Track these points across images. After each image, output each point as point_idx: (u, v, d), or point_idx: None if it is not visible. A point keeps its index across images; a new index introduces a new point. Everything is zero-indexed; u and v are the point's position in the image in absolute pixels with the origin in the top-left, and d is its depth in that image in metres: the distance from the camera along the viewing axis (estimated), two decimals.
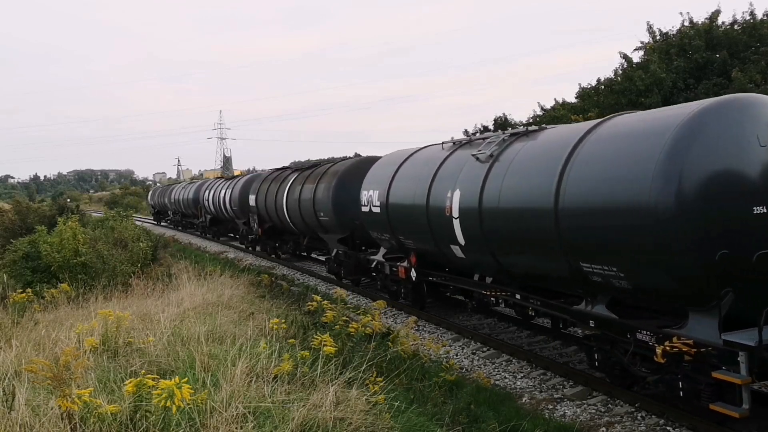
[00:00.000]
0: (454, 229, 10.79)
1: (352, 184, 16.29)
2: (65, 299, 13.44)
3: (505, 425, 7.00)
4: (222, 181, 33.78)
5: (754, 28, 18.56)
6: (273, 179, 23.76)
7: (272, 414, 5.72)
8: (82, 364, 6.17)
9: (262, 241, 26.16)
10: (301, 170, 21.68)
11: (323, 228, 18.32)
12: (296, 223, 20.74)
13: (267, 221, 24.41)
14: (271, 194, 22.93)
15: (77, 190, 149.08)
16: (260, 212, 24.61)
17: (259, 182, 25.30)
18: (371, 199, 14.23)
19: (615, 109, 18.37)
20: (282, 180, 22.46)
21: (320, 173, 18.64)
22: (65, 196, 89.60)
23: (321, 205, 17.80)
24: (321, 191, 17.85)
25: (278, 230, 24.01)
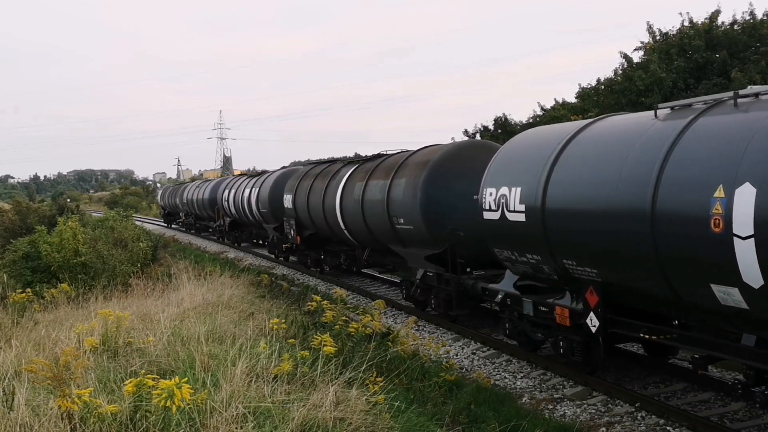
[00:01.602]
0: (735, 258, 5.98)
1: (453, 179, 12.17)
2: (65, 299, 13.44)
3: (505, 425, 7.00)
4: (245, 179, 28.87)
5: (754, 28, 18.55)
6: (317, 174, 18.75)
7: (272, 414, 5.72)
8: (82, 364, 6.18)
9: (300, 252, 21.35)
10: (359, 162, 16.74)
11: (401, 240, 13.56)
12: (355, 231, 16.01)
13: (308, 227, 19.62)
14: (316, 194, 17.99)
15: (77, 190, 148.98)
16: (299, 216, 19.77)
17: (297, 178, 20.41)
18: (505, 201, 9.43)
19: (615, 109, 18.39)
20: (331, 175, 17.43)
21: (395, 164, 13.85)
22: (65, 196, 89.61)
23: (401, 209, 13.06)
24: (400, 189, 13.11)
25: (323, 239, 19.30)
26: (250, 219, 27.26)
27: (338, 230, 16.96)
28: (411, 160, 13.58)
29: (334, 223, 16.91)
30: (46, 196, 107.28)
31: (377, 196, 14.06)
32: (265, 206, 23.83)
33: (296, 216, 20.05)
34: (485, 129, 26.58)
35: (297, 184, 20.04)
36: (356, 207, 15.16)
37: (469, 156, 12.43)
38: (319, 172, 18.93)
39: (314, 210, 18.28)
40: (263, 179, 25.30)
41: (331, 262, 19.49)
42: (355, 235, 16.25)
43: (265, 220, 24.61)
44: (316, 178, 18.68)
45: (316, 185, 18.32)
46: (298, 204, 19.69)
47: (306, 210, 18.89)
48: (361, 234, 15.75)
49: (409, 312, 12.53)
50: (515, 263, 9.78)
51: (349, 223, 16.08)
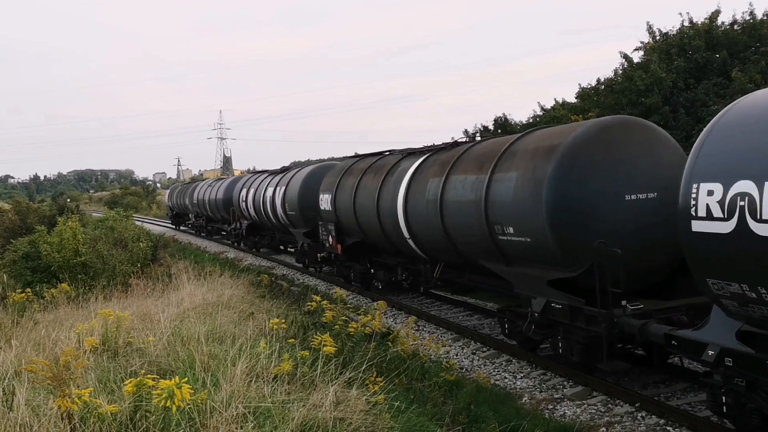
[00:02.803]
0: None
1: (596, 172, 8.64)
2: (65, 299, 13.45)
3: (505, 425, 7.00)
4: (267, 176, 25.32)
5: (754, 28, 18.53)
6: (366, 170, 15.46)
7: (272, 414, 5.72)
8: (82, 364, 6.19)
9: (340, 263, 17.70)
10: (427, 152, 13.26)
11: (504, 256, 10.02)
12: (425, 241, 12.45)
13: (353, 234, 16.14)
14: (367, 193, 14.72)
15: (77, 190, 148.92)
16: (341, 220, 16.34)
17: (338, 175, 16.99)
18: (748, 204, 5.68)
19: (615, 109, 18.38)
20: (387, 170, 14.13)
21: (494, 153, 10.24)
22: (65, 196, 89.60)
23: (509, 214, 9.52)
24: (508, 187, 9.52)
25: (371, 248, 15.98)
26: (273, 222, 23.78)
27: (398, 239, 13.53)
28: (520, 146, 9.86)
29: (394, 229, 13.38)
30: (46, 196, 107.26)
31: (466, 196, 10.49)
32: (293, 208, 20.49)
33: (337, 220, 16.53)
34: (485, 129, 26.58)
35: (338, 182, 16.54)
36: (430, 210, 11.62)
37: (619, 138, 8.81)
38: (368, 166, 15.49)
39: (363, 213, 14.85)
40: (290, 176, 21.81)
41: (385, 277, 15.66)
42: (424, 246, 12.63)
43: (293, 224, 21.20)
44: (365, 174, 15.26)
45: (366, 183, 14.90)
46: (339, 206, 16.22)
47: (351, 213, 15.43)
48: (434, 245, 12.10)
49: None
50: (750, 304, 5.99)
51: (416, 231, 12.50)
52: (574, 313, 8.70)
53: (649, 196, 8.72)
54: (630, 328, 8.02)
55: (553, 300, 9.03)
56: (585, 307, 8.49)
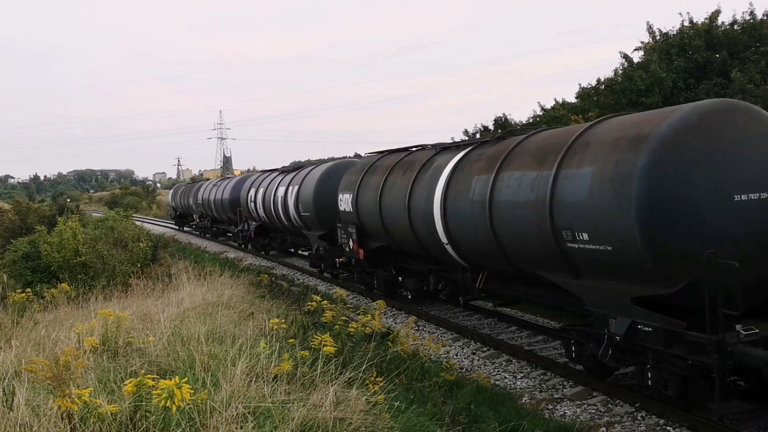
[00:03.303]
0: None
1: (698, 166, 7.22)
2: (65, 299, 13.45)
3: (505, 425, 7.01)
4: (277, 175, 24.06)
5: (754, 28, 18.55)
6: (393, 167, 13.90)
7: (272, 414, 5.72)
8: (82, 364, 6.18)
9: (361, 269, 16.28)
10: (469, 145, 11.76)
11: (572, 266, 8.47)
12: (468, 246, 10.90)
13: (377, 237, 14.70)
14: (396, 192, 13.13)
15: (77, 190, 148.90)
16: (364, 222, 14.97)
17: (360, 172, 15.46)
18: None
19: (615, 109, 18.38)
20: (420, 167, 12.53)
21: (558, 145, 8.71)
22: (65, 196, 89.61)
23: (584, 217, 7.94)
24: (581, 185, 7.99)
25: (398, 254, 14.51)
26: (285, 224, 22.23)
27: (433, 244, 11.90)
28: (594, 136, 8.29)
29: (428, 233, 11.83)
30: (46, 196, 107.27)
31: (524, 196, 8.99)
32: (307, 209, 18.98)
33: (359, 222, 15.08)
34: (485, 129, 26.60)
35: (360, 181, 15.04)
36: (476, 212, 10.11)
37: (723, 126, 7.38)
38: (395, 163, 13.91)
39: (391, 215, 13.31)
40: (304, 175, 20.26)
41: (415, 286, 13.95)
42: (465, 253, 11.10)
43: (307, 226, 19.71)
44: (392, 171, 13.73)
45: (395, 181, 13.38)
46: (362, 206, 14.78)
47: (376, 214, 13.90)
48: (479, 251, 10.56)
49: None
50: None
51: (457, 235, 10.95)
52: (671, 338, 7.25)
53: (762, 196, 7.31)
54: (752, 360, 6.53)
55: (640, 321, 7.54)
56: (687, 332, 7.03)
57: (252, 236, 26.94)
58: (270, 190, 23.41)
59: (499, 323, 12.91)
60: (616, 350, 8.03)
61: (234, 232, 31.09)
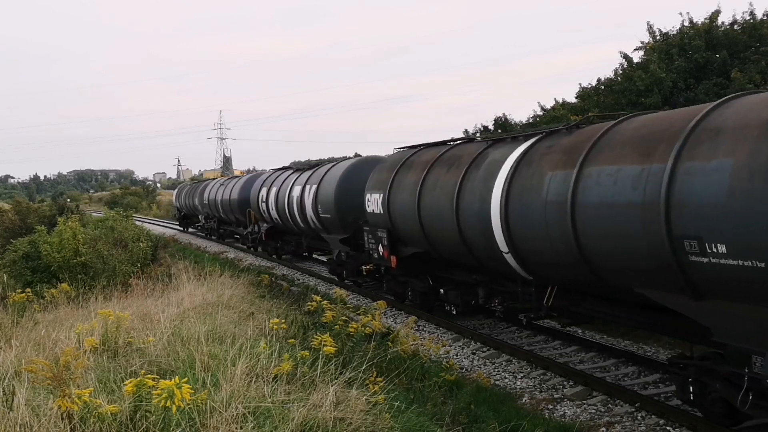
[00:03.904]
0: None
1: None
2: (65, 299, 13.45)
3: (505, 425, 7.01)
4: (291, 173, 22.40)
5: (754, 28, 18.55)
6: (434, 162, 12.04)
7: (272, 414, 5.72)
8: (82, 364, 6.18)
9: (392, 278, 14.58)
10: (531, 137, 9.86)
11: (691, 286, 6.74)
12: (538, 255, 9.07)
13: (413, 243, 12.86)
14: (439, 192, 11.34)
15: (77, 190, 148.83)
16: (396, 225, 13.18)
17: (391, 170, 13.62)
18: None
19: (615, 109, 18.39)
20: (470, 162, 10.73)
21: (672, 132, 7.04)
22: (65, 196, 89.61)
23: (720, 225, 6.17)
24: (719, 182, 6.22)
25: (436, 261, 12.56)
26: (300, 226, 20.56)
27: (487, 252, 10.13)
28: (724, 120, 6.61)
29: (483, 240, 10.03)
30: (46, 196, 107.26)
31: (622, 196, 7.30)
32: (328, 210, 17.39)
33: (390, 225, 13.43)
34: (485, 129, 26.60)
35: (392, 178, 13.32)
36: (550, 215, 8.37)
37: None
38: (435, 158, 12.12)
39: (433, 217, 11.55)
40: (323, 173, 18.58)
41: (460, 299, 11.99)
42: (532, 263, 9.25)
43: (327, 228, 18.04)
44: (432, 167, 11.96)
45: (438, 179, 11.58)
46: (395, 207, 13.09)
47: (414, 217, 12.12)
48: (554, 261, 8.67)
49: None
50: None
51: (523, 242, 9.13)
52: None
53: None
54: None
55: None
56: None
57: (263, 239, 25.29)
58: (284, 189, 21.76)
59: (499, 323, 12.91)
60: (760, 396, 6.33)
61: (243, 234, 29.44)
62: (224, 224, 33.98)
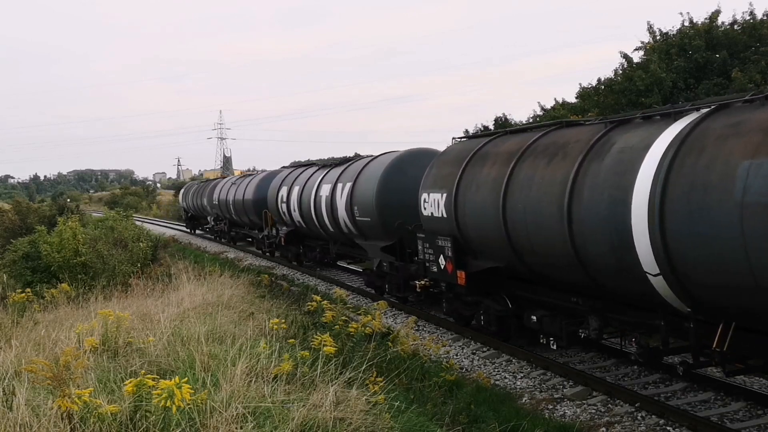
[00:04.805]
0: None
1: None
2: (65, 299, 13.45)
3: (505, 425, 7.01)
4: (316, 170, 19.72)
5: (754, 28, 18.57)
6: (524, 153, 9.59)
7: (272, 414, 5.72)
8: (82, 364, 6.18)
9: (455, 296, 12.02)
10: (653, 118, 7.90)
11: None
12: (725, 279, 6.31)
13: (490, 254, 10.46)
14: (537, 191, 8.93)
15: (77, 190, 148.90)
16: (467, 233, 10.76)
17: (457, 163, 11.12)
18: None
19: (615, 109, 18.40)
20: (587, 151, 8.20)
21: None
22: (65, 196, 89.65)
23: None
24: None
25: (522, 278, 10.17)
26: (330, 230, 17.93)
27: (616, 271, 7.67)
28: None
29: (613, 256, 7.55)
30: (46, 196, 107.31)
31: None
32: (367, 212, 15.02)
33: (458, 233, 10.88)
34: (485, 129, 26.62)
35: (461, 174, 10.83)
36: (753, 225, 5.86)
37: None
38: (525, 147, 9.62)
39: (525, 223, 9.08)
40: (360, 168, 16.03)
41: (565, 330, 9.13)
42: (703, 291, 6.77)
43: (364, 234, 15.68)
44: (522, 159, 9.48)
45: (531, 174, 9.13)
46: (466, 210, 10.63)
47: (494, 222, 9.72)
48: (745, 288, 6.15)
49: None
50: None
51: (694, 263, 6.63)
52: None
53: None
54: None
55: None
56: None
57: (282, 243, 22.62)
58: (309, 188, 19.08)
59: None
60: None
61: (258, 237, 26.65)
62: (236, 226, 31.31)
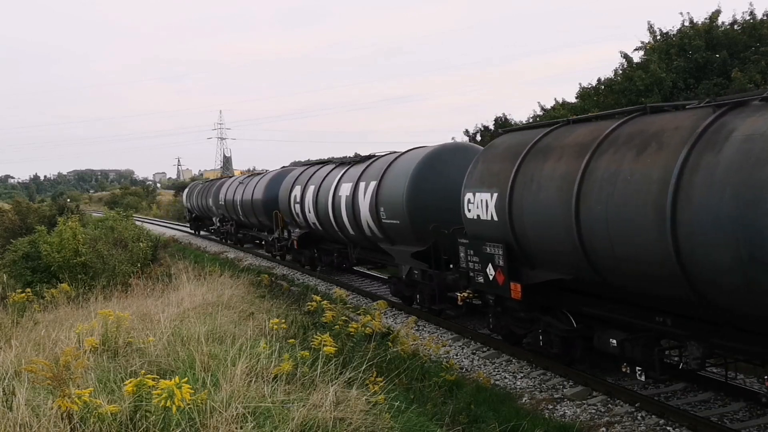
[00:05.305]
0: None
1: None
2: (65, 299, 13.46)
3: (505, 425, 7.01)
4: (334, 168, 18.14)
5: (754, 28, 18.57)
6: (600, 144, 7.82)
7: (272, 414, 5.72)
8: (82, 364, 6.19)
9: (503, 311, 10.49)
10: None
11: None
12: None
13: (553, 265, 8.79)
14: (622, 190, 7.15)
15: (77, 190, 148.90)
16: (525, 238, 9.09)
17: (510, 158, 9.55)
18: None
19: (614, 108, 18.38)
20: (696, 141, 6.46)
21: None
22: (65, 196, 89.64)
23: None
24: None
25: (578, 290, 8.89)
26: (350, 233, 16.38)
27: (737, 287, 6.16)
28: None
29: (739, 270, 6.02)
30: (46, 196, 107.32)
31: None
32: (395, 213, 13.45)
33: (513, 239, 9.24)
34: (485, 129, 26.62)
35: (516, 170, 9.15)
36: None
37: None
38: (602, 138, 7.90)
39: (608, 228, 7.38)
40: (386, 165, 14.41)
41: (657, 358, 7.62)
42: None
43: (391, 237, 14.09)
44: (600, 151, 7.80)
45: (615, 168, 7.42)
46: (524, 212, 8.96)
47: (564, 226, 8.08)
48: None
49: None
50: None
51: None
52: None
53: None
54: None
55: None
56: None
57: (295, 246, 20.97)
58: (326, 187, 17.48)
59: None
60: None
61: (268, 240, 25.16)
62: (243, 228, 29.67)
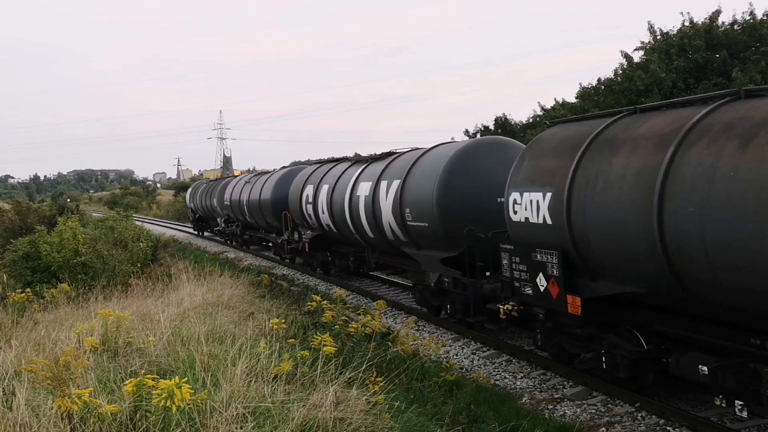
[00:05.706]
0: None
1: None
2: (65, 299, 13.46)
3: (505, 425, 7.01)
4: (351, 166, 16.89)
5: (754, 28, 18.57)
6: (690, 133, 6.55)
7: (272, 414, 5.72)
8: (82, 364, 6.19)
9: (557, 328, 9.24)
10: None
11: None
12: None
13: (619, 275, 7.58)
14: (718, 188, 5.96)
15: (77, 190, 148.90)
16: (586, 245, 7.80)
17: (568, 153, 8.21)
18: None
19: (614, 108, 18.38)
20: None
21: None
22: (65, 196, 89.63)
23: None
24: None
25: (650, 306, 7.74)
26: (369, 236, 15.16)
27: None
28: None
29: None
30: (46, 196, 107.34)
31: None
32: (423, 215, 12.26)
33: (571, 245, 8.06)
34: (485, 129, 26.62)
35: (575, 167, 7.98)
36: None
37: None
38: (687, 128, 6.68)
39: (705, 234, 6.14)
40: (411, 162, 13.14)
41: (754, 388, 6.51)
42: None
43: (417, 241, 12.93)
44: (686, 143, 6.60)
45: (711, 162, 6.18)
46: (585, 215, 7.76)
47: (638, 230, 6.95)
48: None
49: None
50: None
51: None
52: None
53: None
54: None
55: None
56: None
57: (306, 249, 19.74)
58: (342, 187, 16.27)
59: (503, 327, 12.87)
60: None
61: (277, 242, 23.99)
62: (250, 229, 28.36)
